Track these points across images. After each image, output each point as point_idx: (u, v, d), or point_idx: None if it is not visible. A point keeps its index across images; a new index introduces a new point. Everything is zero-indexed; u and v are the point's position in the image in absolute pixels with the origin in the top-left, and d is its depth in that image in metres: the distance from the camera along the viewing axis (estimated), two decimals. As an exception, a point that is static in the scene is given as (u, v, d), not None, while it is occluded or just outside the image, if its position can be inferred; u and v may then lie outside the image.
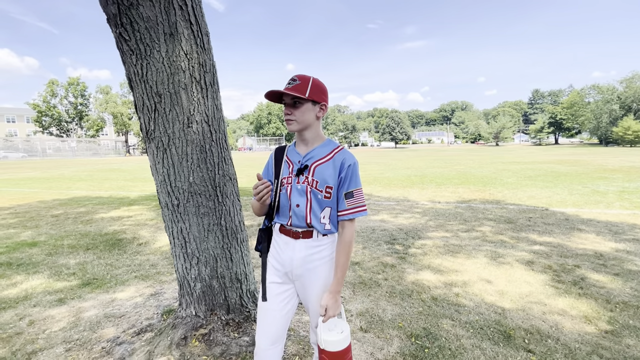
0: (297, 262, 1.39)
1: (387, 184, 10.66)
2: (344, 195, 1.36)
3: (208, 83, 2.11)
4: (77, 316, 2.73)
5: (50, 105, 49.62)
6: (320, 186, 1.35)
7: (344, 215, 1.36)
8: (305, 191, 1.37)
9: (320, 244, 1.40)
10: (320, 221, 1.37)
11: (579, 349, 2.15)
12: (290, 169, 1.42)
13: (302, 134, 1.41)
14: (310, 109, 1.35)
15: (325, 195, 1.36)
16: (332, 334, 1.30)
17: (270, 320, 1.45)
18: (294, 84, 1.31)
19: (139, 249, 4.45)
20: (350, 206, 1.35)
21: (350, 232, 1.37)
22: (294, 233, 1.40)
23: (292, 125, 1.36)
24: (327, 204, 1.37)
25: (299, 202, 1.37)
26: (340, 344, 1.29)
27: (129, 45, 1.93)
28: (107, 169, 20.29)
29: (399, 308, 2.75)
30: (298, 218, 1.38)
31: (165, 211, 2.22)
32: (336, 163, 1.37)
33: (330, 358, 1.29)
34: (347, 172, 1.36)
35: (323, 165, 1.37)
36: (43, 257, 4.17)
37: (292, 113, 1.34)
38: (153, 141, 2.09)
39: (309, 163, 1.39)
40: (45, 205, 7.85)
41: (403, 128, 73.39)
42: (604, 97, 50.60)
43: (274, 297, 1.45)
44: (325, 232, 1.39)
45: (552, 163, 17.21)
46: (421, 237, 4.74)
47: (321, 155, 1.39)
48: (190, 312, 2.29)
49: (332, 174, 1.36)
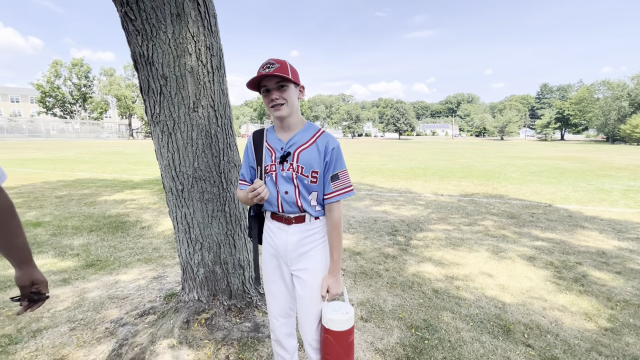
0: (291, 246, 1.41)
1: (390, 175, 10.63)
2: (330, 177, 1.36)
3: (214, 67, 2.07)
4: (81, 296, 2.77)
5: (54, 86, 49.44)
6: (306, 171, 1.35)
7: (331, 198, 1.37)
8: (291, 177, 1.36)
9: (313, 227, 1.42)
10: (310, 204, 1.39)
11: (578, 345, 2.16)
12: (272, 157, 1.39)
13: (285, 120, 1.36)
14: (294, 91, 1.34)
15: (312, 180, 1.36)
16: (337, 314, 1.35)
17: (276, 300, 1.52)
18: (274, 67, 1.25)
19: (141, 232, 4.48)
20: (337, 188, 1.36)
21: (338, 213, 1.39)
22: (286, 219, 1.41)
23: (283, 109, 1.32)
24: (314, 188, 1.37)
25: (287, 189, 1.37)
26: (345, 324, 1.34)
27: (135, 26, 1.88)
28: (111, 152, 20.34)
29: (399, 299, 2.76)
30: (289, 204, 1.38)
31: (170, 196, 2.22)
32: (320, 147, 1.36)
33: (335, 337, 1.33)
34: (332, 156, 1.35)
35: (307, 151, 1.36)
36: (47, 237, 4.21)
37: (280, 97, 1.29)
38: (158, 125, 2.06)
39: (292, 150, 1.36)
40: (49, 186, 7.90)
41: (408, 119, 72.65)
42: (613, 93, 49.65)
43: (274, 281, 1.51)
44: (316, 214, 1.41)
45: (557, 159, 17.06)
46: (423, 229, 4.74)
47: (303, 140, 1.37)
48: (192, 297, 2.31)
49: (316, 158, 1.35)
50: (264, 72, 1.25)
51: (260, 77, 1.27)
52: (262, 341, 2.12)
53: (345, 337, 1.34)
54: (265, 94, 1.31)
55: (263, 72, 1.25)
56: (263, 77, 1.27)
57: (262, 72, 1.25)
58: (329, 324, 1.34)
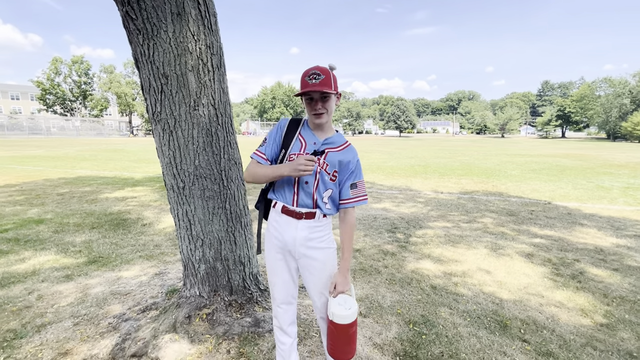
0: (299, 240, 1.49)
1: (390, 173, 10.65)
2: (350, 185, 1.51)
3: (215, 65, 2.09)
4: (84, 292, 2.81)
5: (54, 83, 49.40)
6: (330, 169, 1.47)
7: (348, 203, 1.52)
8: (315, 171, 1.45)
9: (321, 224, 1.51)
10: (323, 200, 1.49)
11: (573, 341, 2.19)
12: (302, 148, 1.48)
13: (323, 124, 1.48)
14: (334, 99, 1.45)
15: (332, 178, 1.48)
16: (341, 309, 1.42)
17: (279, 290, 1.62)
18: (320, 78, 1.36)
19: (143, 230, 4.52)
20: (354, 195, 1.52)
21: (352, 217, 1.54)
22: (297, 214, 1.48)
23: (323, 117, 1.43)
24: (330, 185, 1.49)
25: (308, 180, 1.47)
26: (347, 319, 1.42)
27: (136, 25, 1.90)
28: (111, 150, 20.36)
29: (398, 295, 2.79)
30: (305, 194, 1.47)
31: (171, 193, 2.25)
32: (347, 157, 1.50)
33: (337, 329, 1.43)
34: (356, 166, 1.52)
35: (335, 153, 1.49)
36: (50, 234, 4.25)
37: (323, 107, 1.41)
38: (159, 123, 2.09)
39: (324, 149, 1.48)
40: (50, 183, 7.94)
41: (408, 117, 72.53)
42: (615, 90, 49.45)
43: (278, 273, 1.59)
44: (325, 212, 1.50)
45: (557, 157, 17.05)
46: (422, 226, 4.77)
47: (336, 144, 1.51)
48: (194, 293, 2.34)
49: (341, 163, 1.49)
50: (311, 83, 1.36)
51: (315, 90, 1.36)
52: (263, 336, 2.16)
53: (347, 329, 1.43)
54: (309, 102, 1.42)
55: (310, 83, 1.36)
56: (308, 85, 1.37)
57: (309, 83, 1.36)
58: (333, 317, 1.42)
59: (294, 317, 1.70)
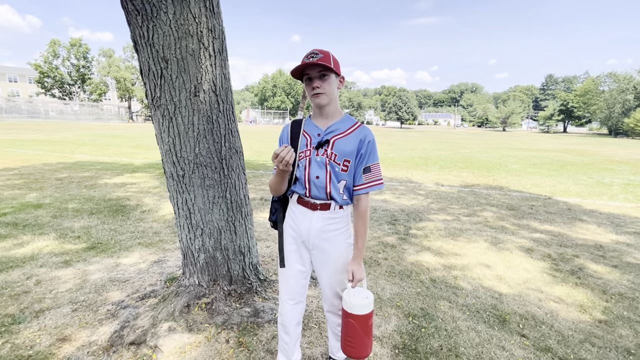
0: (314, 232, 1.46)
1: (391, 164, 10.60)
2: (362, 169, 1.41)
3: (217, 50, 2.02)
4: (82, 278, 2.80)
5: (52, 66, 48.64)
6: (339, 159, 1.39)
7: (361, 189, 1.43)
8: (324, 163, 1.40)
9: (336, 215, 1.46)
10: (339, 192, 1.42)
11: (572, 336, 2.19)
12: (308, 142, 1.43)
13: (324, 108, 1.41)
14: (335, 81, 1.37)
15: (343, 168, 1.40)
16: (358, 299, 1.39)
17: (290, 283, 1.57)
18: (318, 56, 1.30)
19: (142, 216, 4.50)
20: (368, 180, 1.42)
21: (365, 203, 1.45)
22: (312, 205, 1.45)
23: (322, 98, 1.36)
24: (343, 176, 1.41)
25: (319, 174, 1.41)
26: (366, 308, 1.39)
27: (135, 5, 1.83)
28: (110, 135, 20.21)
29: (397, 287, 2.79)
30: (318, 189, 1.42)
31: (170, 181, 2.21)
32: (356, 139, 1.40)
33: (357, 321, 1.39)
34: (367, 148, 1.41)
35: (343, 140, 1.40)
36: (48, 219, 4.23)
37: (321, 86, 1.34)
38: (159, 109, 2.03)
39: (329, 137, 1.40)
40: (49, 168, 7.88)
41: (410, 108, 71.84)
42: (619, 86, 48.97)
43: (291, 264, 1.54)
44: (342, 203, 1.45)
45: (558, 152, 16.99)
46: (423, 219, 4.75)
47: (341, 129, 1.41)
48: (193, 282, 2.33)
49: (352, 149, 1.39)
50: (308, 61, 1.29)
51: (304, 66, 1.30)
52: (262, 326, 2.16)
53: (366, 320, 1.40)
54: (308, 82, 1.36)
55: (307, 61, 1.29)
56: (306, 66, 1.31)
57: (306, 61, 1.29)
58: (352, 309, 1.38)
59: (300, 317, 1.65)
